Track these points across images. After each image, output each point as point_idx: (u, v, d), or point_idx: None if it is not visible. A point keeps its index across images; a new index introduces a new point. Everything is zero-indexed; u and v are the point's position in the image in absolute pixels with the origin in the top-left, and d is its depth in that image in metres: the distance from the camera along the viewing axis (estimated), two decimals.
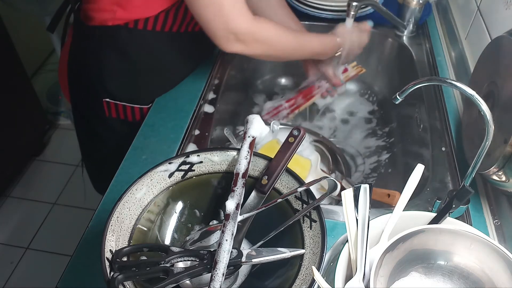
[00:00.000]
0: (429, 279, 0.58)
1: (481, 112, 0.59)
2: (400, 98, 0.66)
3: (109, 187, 0.83)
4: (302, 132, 0.63)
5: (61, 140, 2.33)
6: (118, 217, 0.58)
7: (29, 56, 2.37)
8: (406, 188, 0.60)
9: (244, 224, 0.63)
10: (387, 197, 0.87)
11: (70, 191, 2.09)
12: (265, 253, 0.58)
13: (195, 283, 0.61)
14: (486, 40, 0.94)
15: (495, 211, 0.78)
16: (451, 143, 0.91)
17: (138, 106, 1.03)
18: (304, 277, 0.56)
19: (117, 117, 1.04)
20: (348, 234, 0.57)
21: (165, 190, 0.65)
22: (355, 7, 1.06)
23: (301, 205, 0.62)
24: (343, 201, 0.58)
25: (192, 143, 0.92)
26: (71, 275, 0.70)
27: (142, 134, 0.94)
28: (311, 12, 1.25)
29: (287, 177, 0.64)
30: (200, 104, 1.01)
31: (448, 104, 1.00)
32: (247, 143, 0.65)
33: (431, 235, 0.56)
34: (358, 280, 0.54)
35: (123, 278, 0.53)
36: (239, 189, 0.61)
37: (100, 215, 0.78)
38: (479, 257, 0.56)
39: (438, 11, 1.31)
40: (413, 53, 1.17)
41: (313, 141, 1.08)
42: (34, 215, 2.00)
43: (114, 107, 1.02)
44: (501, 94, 0.72)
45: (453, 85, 0.60)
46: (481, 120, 0.76)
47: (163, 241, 0.65)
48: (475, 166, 0.64)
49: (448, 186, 0.84)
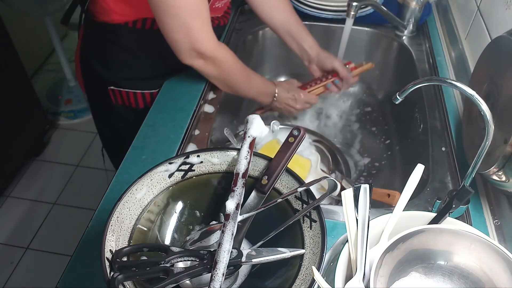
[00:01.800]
0: (429, 279, 0.58)
1: (481, 112, 0.59)
2: (400, 98, 0.66)
3: (109, 187, 0.83)
4: (302, 132, 0.63)
5: (61, 140, 2.34)
6: (118, 217, 0.58)
7: (29, 56, 2.37)
8: (406, 188, 0.60)
9: (244, 224, 0.63)
10: (387, 197, 0.87)
11: (70, 191, 2.09)
12: (265, 253, 0.58)
13: (195, 283, 0.61)
14: (486, 40, 0.94)
15: (495, 211, 0.78)
16: (451, 143, 0.91)
17: (140, 92, 1.08)
18: (304, 277, 0.56)
19: (122, 104, 1.11)
20: (348, 234, 0.57)
21: (165, 190, 0.65)
22: (355, 7, 1.06)
23: (301, 205, 0.62)
24: (343, 201, 0.58)
25: (192, 143, 0.92)
26: (71, 275, 0.70)
27: (142, 134, 0.94)
28: (311, 12, 1.25)
29: (287, 177, 0.64)
30: (200, 104, 1.01)
31: (448, 104, 1.00)
32: (247, 143, 0.65)
33: (431, 235, 0.56)
34: (358, 280, 0.54)
35: (123, 278, 0.52)
36: (239, 189, 0.61)
37: (100, 215, 0.78)
38: (479, 257, 0.56)
39: (438, 11, 1.31)
40: (413, 53, 1.17)
41: (313, 141, 1.08)
42: (34, 215, 2.00)
43: (119, 94, 1.09)
44: (501, 94, 0.72)
45: (453, 85, 0.60)
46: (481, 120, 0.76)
47: (163, 241, 0.65)
48: (475, 166, 0.64)
49: (448, 186, 0.84)
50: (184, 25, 0.84)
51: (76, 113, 2.41)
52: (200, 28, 0.86)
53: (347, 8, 1.07)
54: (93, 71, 1.10)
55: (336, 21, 1.25)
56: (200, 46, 0.87)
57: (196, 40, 0.86)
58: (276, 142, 1.00)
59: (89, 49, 1.09)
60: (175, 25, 0.84)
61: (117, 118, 1.16)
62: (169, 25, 0.85)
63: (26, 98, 2.07)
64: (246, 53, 1.26)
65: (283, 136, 0.71)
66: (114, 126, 1.20)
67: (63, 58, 2.36)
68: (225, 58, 0.93)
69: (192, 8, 0.83)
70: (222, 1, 1.03)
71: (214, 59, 0.91)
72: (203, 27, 0.87)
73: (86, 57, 1.11)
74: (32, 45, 2.49)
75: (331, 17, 1.25)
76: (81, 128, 2.37)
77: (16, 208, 2.03)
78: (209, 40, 0.89)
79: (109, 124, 1.21)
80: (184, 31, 0.85)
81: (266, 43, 1.31)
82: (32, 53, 2.52)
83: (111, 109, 1.13)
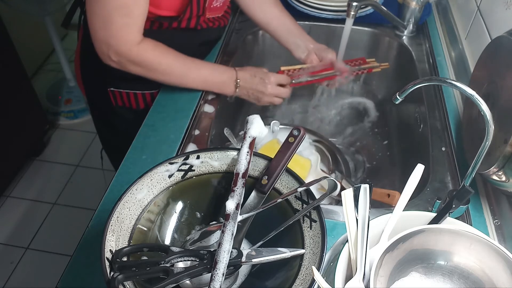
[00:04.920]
0: (429, 279, 0.58)
1: (481, 112, 0.59)
2: (400, 98, 0.66)
3: (109, 187, 0.83)
4: (302, 132, 0.63)
5: (61, 140, 2.34)
6: (118, 217, 0.58)
7: (29, 56, 2.37)
8: (406, 188, 0.60)
9: (244, 224, 0.63)
10: (387, 197, 0.87)
11: (70, 191, 2.09)
12: (265, 253, 0.58)
13: (195, 283, 0.61)
14: (486, 40, 0.94)
15: (495, 211, 0.78)
16: (451, 143, 0.91)
17: (140, 92, 1.08)
18: (304, 277, 0.56)
19: (122, 105, 1.11)
20: (348, 234, 0.57)
21: (165, 190, 0.65)
22: (355, 7, 1.06)
23: (301, 205, 0.62)
24: (343, 201, 0.58)
25: (192, 143, 0.92)
26: (71, 275, 0.70)
27: (142, 134, 0.94)
28: (311, 12, 1.25)
29: (287, 177, 0.64)
30: (200, 104, 1.01)
31: (448, 104, 1.00)
32: (247, 143, 0.65)
33: (431, 235, 0.56)
34: (358, 280, 0.54)
35: (123, 278, 0.53)
36: (239, 189, 0.61)
37: (100, 215, 0.78)
38: (479, 257, 0.56)
39: (438, 11, 1.31)
40: (413, 53, 1.17)
41: (313, 141, 1.08)
42: (34, 215, 2.00)
43: (119, 96, 1.09)
44: (501, 94, 0.72)
45: (453, 85, 0.60)
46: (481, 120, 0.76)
47: (163, 241, 0.65)
48: (475, 166, 0.64)
49: (448, 186, 0.84)
50: (106, 17, 0.83)
51: (76, 113, 2.41)
52: (121, 27, 0.84)
53: (347, 8, 1.07)
54: (93, 72, 1.10)
55: (336, 21, 1.25)
56: (114, 44, 0.86)
57: (111, 35, 0.85)
58: (276, 142, 1.00)
59: (88, 50, 1.08)
60: (96, 11, 0.84)
61: (117, 119, 1.16)
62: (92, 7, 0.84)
63: (26, 98, 2.07)
64: (246, 53, 1.26)
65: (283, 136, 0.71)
66: (114, 127, 1.19)
67: (63, 58, 2.36)
68: (145, 57, 0.90)
69: (122, 3, 0.82)
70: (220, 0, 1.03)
71: (128, 60, 0.89)
72: (124, 27, 0.85)
73: (86, 59, 1.11)
74: (32, 45, 2.49)
75: (331, 17, 1.25)
76: (81, 128, 2.37)
77: (16, 208, 2.03)
78: (125, 40, 0.86)
79: (109, 125, 1.21)
80: (105, 23, 0.84)
81: (266, 43, 1.31)
82: (32, 53, 2.52)
83: (111, 110, 1.13)
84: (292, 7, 1.26)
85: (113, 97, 1.09)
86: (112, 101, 1.10)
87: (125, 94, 1.09)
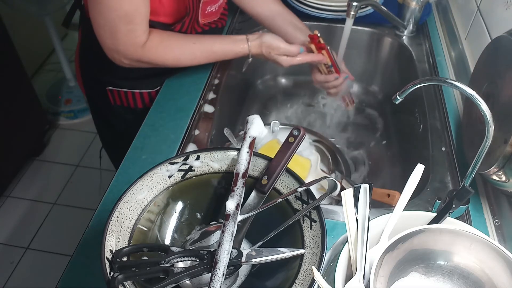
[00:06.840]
0: (429, 279, 0.58)
1: (481, 112, 0.59)
2: (400, 98, 0.66)
3: (109, 187, 0.83)
4: (302, 132, 0.63)
5: (61, 140, 2.34)
6: (118, 217, 0.58)
7: (29, 56, 2.37)
8: (406, 188, 0.60)
9: (244, 224, 0.63)
10: (387, 197, 0.87)
11: (70, 191, 2.09)
12: (265, 253, 0.58)
13: (195, 283, 0.61)
14: (486, 40, 0.94)
15: (495, 211, 0.78)
16: (451, 143, 0.91)
17: (138, 91, 1.08)
18: (304, 277, 0.56)
19: (121, 105, 1.11)
20: (348, 234, 0.57)
21: (165, 190, 0.65)
22: (355, 7, 1.06)
23: (301, 205, 0.62)
24: (343, 201, 0.58)
25: (192, 143, 0.92)
26: (71, 275, 0.70)
27: (142, 134, 0.94)
28: (311, 12, 1.25)
29: (287, 177, 0.64)
30: (200, 104, 1.01)
31: (448, 104, 1.00)
32: (247, 143, 0.65)
33: (431, 235, 0.56)
34: (358, 280, 0.54)
35: (123, 278, 0.53)
36: (239, 189, 0.61)
37: (100, 215, 0.78)
38: (479, 257, 0.56)
39: (438, 11, 1.31)
40: (413, 53, 1.17)
41: (313, 141, 1.08)
42: (34, 215, 2.00)
43: (117, 94, 1.09)
44: (501, 94, 0.72)
45: (453, 85, 0.60)
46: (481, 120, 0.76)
47: (163, 241, 0.65)
48: (475, 166, 0.64)
49: (448, 186, 0.84)
50: (112, 27, 0.86)
51: (76, 113, 2.41)
52: (126, 34, 0.87)
53: (347, 8, 1.07)
54: (92, 71, 1.10)
55: (336, 21, 1.25)
56: (122, 49, 0.89)
57: (119, 43, 0.88)
58: (276, 142, 1.00)
59: (87, 49, 1.09)
60: (101, 23, 0.86)
61: (116, 119, 1.16)
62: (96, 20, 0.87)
63: (26, 98, 2.07)
64: None
65: (283, 136, 0.71)
66: (113, 127, 1.20)
67: (63, 58, 2.36)
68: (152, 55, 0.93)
69: (125, 13, 0.84)
70: (215, 4, 1.03)
71: (138, 60, 0.92)
72: (129, 33, 0.87)
73: (85, 58, 1.11)
74: (32, 45, 2.49)
75: (331, 17, 1.25)
76: (81, 128, 2.37)
77: (16, 208, 2.03)
78: (132, 45, 0.89)
79: (109, 124, 1.21)
80: (111, 32, 0.87)
81: None
82: (32, 53, 2.51)
83: (110, 110, 1.14)
84: (292, 7, 1.26)
85: (112, 96, 1.10)
86: (110, 100, 1.11)
87: (123, 93, 1.09)
